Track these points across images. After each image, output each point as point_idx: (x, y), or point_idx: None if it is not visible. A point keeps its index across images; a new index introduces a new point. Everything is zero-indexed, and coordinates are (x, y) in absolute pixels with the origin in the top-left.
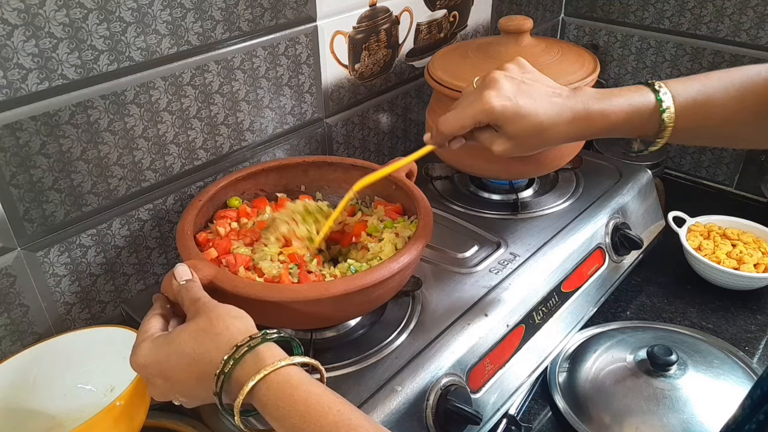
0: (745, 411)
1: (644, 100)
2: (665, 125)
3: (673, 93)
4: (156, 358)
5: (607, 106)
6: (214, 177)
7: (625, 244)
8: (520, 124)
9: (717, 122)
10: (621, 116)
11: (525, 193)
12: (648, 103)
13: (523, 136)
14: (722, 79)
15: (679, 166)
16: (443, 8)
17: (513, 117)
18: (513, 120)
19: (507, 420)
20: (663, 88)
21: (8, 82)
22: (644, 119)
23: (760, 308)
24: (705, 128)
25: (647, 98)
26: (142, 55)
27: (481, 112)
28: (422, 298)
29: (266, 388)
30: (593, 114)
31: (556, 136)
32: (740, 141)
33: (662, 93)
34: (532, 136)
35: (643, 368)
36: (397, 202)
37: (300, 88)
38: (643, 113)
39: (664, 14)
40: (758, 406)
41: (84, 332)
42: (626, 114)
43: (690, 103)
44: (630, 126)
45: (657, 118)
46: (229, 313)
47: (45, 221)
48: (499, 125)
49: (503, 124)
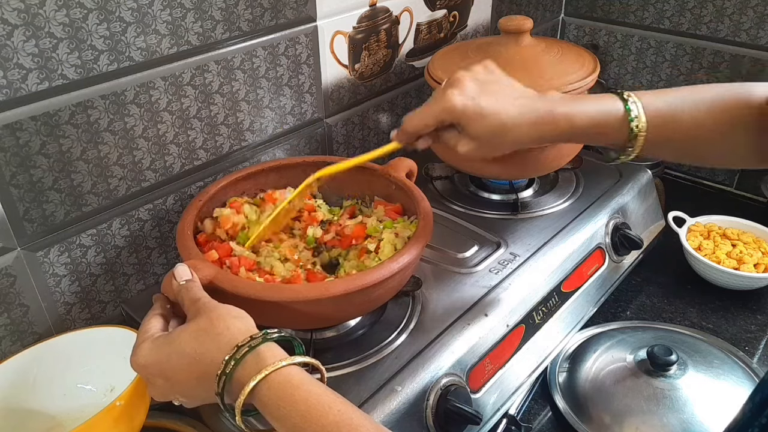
0: (746, 415)
1: (612, 107)
2: (635, 134)
3: (643, 103)
4: (156, 358)
5: (572, 110)
6: (214, 177)
7: (625, 244)
8: (482, 123)
9: (685, 136)
10: (586, 121)
11: (525, 193)
12: (616, 111)
13: (485, 136)
14: (693, 93)
15: (679, 166)
16: (443, 8)
17: (474, 116)
18: (475, 119)
19: (507, 420)
20: (632, 97)
21: (8, 82)
22: (611, 127)
23: (760, 308)
24: (673, 142)
25: (615, 106)
26: (142, 55)
27: (443, 110)
28: (422, 298)
29: (267, 388)
30: (558, 116)
31: (520, 137)
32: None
33: (630, 102)
34: (495, 136)
35: (643, 368)
36: (397, 202)
37: (300, 88)
38: (610, 120)
39: (664, 14)
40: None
41: (84, 332)
42: (592, 119)
43: (660, 114)
44: (596, 131)
45: (625, 127)
46: (230, 313)
47: (45, 221)
48: (462, 125)
49: (465, 123)
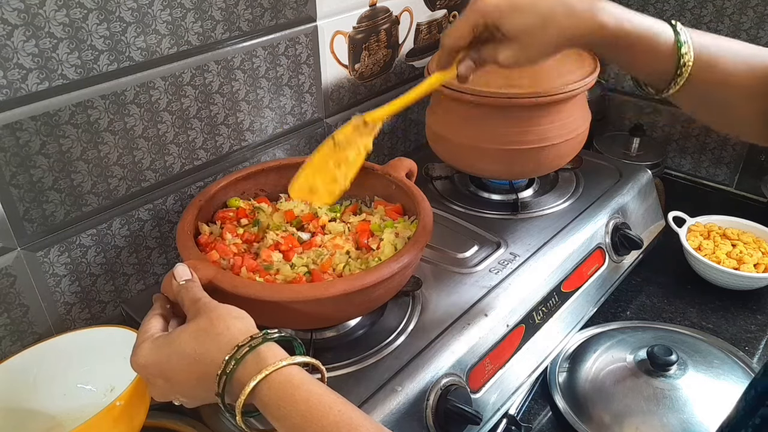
0: (739, 413)
1: (662, 28)
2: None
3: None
4: (156, 358)
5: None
6: (214, 177)
7: (625, 244)
8: (518, 18)
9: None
10: (633, 29)
11: (525, 193)
12: (666, 33)
13: (523, 33)
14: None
15: (679, 166)
16: (443, 8)
17: (509, 10)
18: (509, 14)
19: (507, 420)
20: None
21: (8, 82)
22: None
23: (760, 308)
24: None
25: (665, 29)
26: (142, 55)
27: (475, 12)
28: (422, 298)
29: (268, 388)
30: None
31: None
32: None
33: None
34: (533, 32)
35: (643, 368)
36: (397, 202)
37: (300, 88)
38: (659, 40)
39: (664, 14)
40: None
41: (84, 332)
42: (638, 27)
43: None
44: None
45: (674, 51)
46: (230, 313)
47: (45, 221)
48: (496, 24)
49: (499, 21)
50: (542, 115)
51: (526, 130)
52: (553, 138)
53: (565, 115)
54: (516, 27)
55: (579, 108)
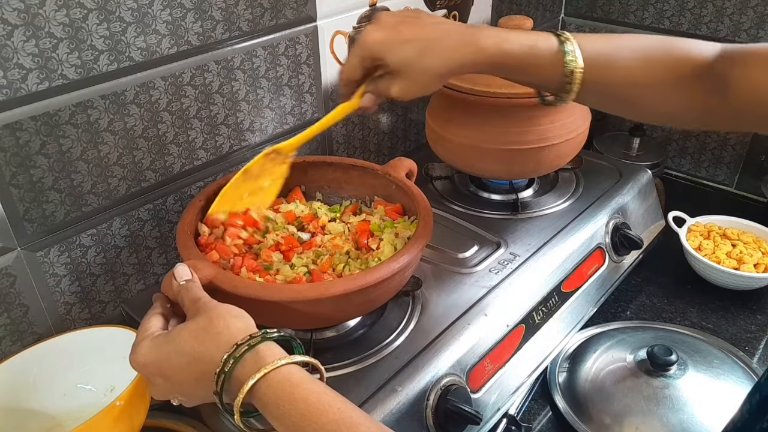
0: (744, 416)
1: (546, 42)
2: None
3: (579, 42)
4: (156, 357)
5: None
6: (214, 177)
7: (625, 244)
8: (403, 49)
9: (621, 82)
10: (517, 47)
11: (525, 193)
12: (550, 45)
13: (405, 64)
14: (631, 41)
15: (679, 166)
16: (443, 8)
17: (390, 43)
18: (390, 48)
19: (507, 420)
20: (566, 34)
21: (8, 82)
22: (545, 59)
23: (760, 308)
24: (609, 87)
25: (549, 41)
26: (142, 55)
27: (360, 47)
28: (422, 298)
29: (266, 387)
30: (485, 40)
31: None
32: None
33: (563, 38)
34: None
35: (643, 368)
36: (397, 202)
37: (300, 88)
38: (543, 52)
39: (664, 14)
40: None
41: (84, 332)
42: (523, 46)
43: (597, 53)
44: (529, 62)
45: (560, 62)
46: (230, 312)
47: (45, 221)
48: (381, 58)
49: (382, 55)
50: (542, 115)
51: (526, 130)
52: (553, 138)
53: (565, 115)
54: (398, 60)
55: (579, 108)
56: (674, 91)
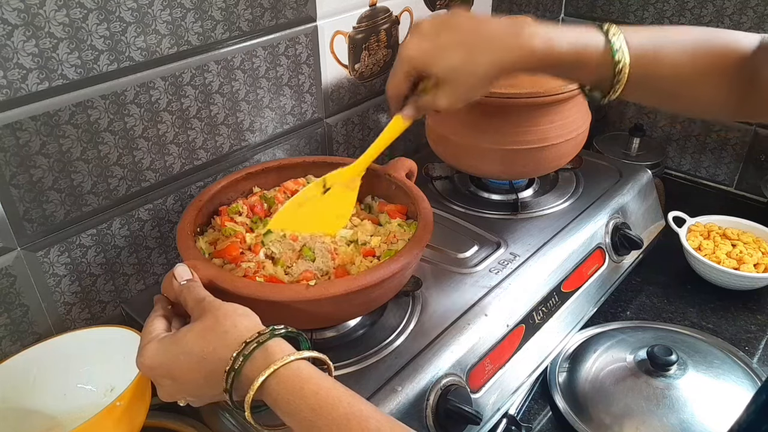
0: (750, 416)
1: (594, 39)
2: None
3: (625, 36)
4: (164, 359)
5: (550, 34)
6: (214, 177)
7: (625, 244)
8: (444, 57)
9: (668, 74)
10: (566, 47)
11: (525, 193)
12: (597, 42)
13: (452, 70)
14: (678, 33)
15: (679, 166)
16: (443, 8)
17: (433, 51)
18: (434, 56)
19: (507, 420)
20: (613, 29)
21: (8, 82)
22: (593, 58)
23: (760, 308)
24: (655, 80)
25: (596, 39)
26: (142, 55)
27: (402, 60)
28: (422, 298)
29: (276, 383)
30: (530, 38)
31: (490, 61)
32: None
33: (611, 34)
34: (462, 67)
35: (643, 368)
36: (397, 202)
37: (300, 88)
38: (590, 50)
39: (664, 14)
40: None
41: (84, 332)
42: (572, 46)
43: (643, 48)
44: (577, 61)
45: (608, 59)
46: (236, 311)
47: (45, 221)
48: (427, 68)
49: (430, 65)
50: (542, 115)
51: (526, 130)
52: (553, 138)
53: (565, 115)
54: (444, 68)
55: (579, 108)
56: (718, 82)
